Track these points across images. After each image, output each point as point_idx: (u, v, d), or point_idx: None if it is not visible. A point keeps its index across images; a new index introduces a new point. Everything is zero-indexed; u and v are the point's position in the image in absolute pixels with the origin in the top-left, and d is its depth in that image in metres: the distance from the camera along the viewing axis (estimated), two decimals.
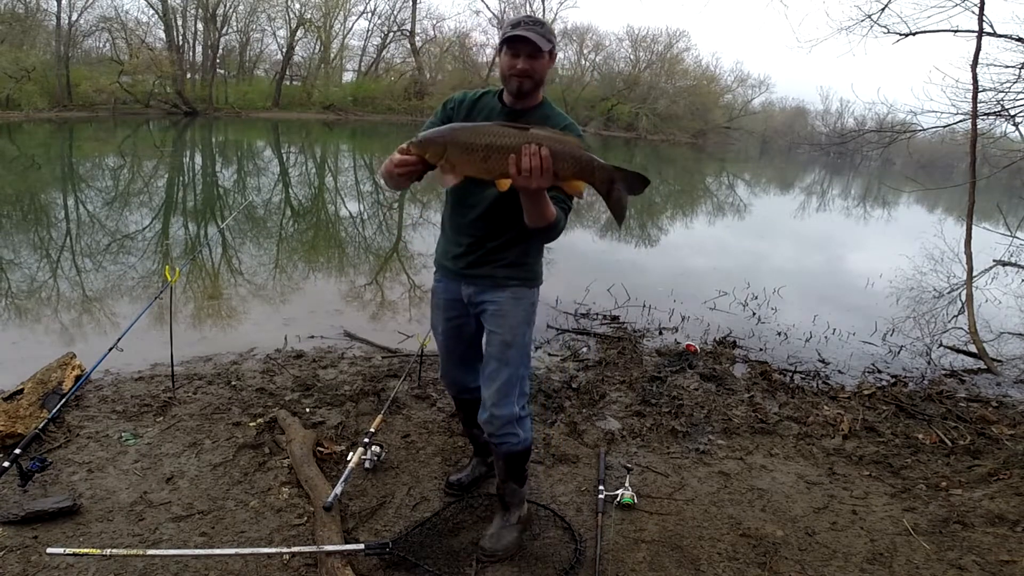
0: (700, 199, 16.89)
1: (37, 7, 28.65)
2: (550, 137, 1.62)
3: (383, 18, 40.56)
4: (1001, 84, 5.39)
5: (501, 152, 1.60)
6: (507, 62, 1.86)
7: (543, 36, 1.83)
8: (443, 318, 2.21)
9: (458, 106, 2.01)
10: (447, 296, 2.18)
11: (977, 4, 5.13)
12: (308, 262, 6.83)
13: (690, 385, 3.84)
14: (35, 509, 2.19)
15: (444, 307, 2.19)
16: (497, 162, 1.61)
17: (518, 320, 2.07)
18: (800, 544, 2.39)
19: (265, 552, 2.04)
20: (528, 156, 1.59)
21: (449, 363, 2.32)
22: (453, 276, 2.14)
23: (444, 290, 2.18)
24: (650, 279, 6.96)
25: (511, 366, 2.07)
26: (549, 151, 1.59)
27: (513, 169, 1.61)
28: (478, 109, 2.00)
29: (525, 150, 1.58)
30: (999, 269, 8.28)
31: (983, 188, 5.96)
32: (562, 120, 1.96)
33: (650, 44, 45.38)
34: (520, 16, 1.91)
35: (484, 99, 2.02)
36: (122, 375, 3.45)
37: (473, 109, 2.00)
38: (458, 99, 2.04)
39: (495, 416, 2.06)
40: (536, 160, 1.59)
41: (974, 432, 3.46)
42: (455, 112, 2.01)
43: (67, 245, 6.71)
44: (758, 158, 41.50)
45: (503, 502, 2.26)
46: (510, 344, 2.06)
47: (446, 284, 2.17)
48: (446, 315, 2.20)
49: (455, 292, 2.15)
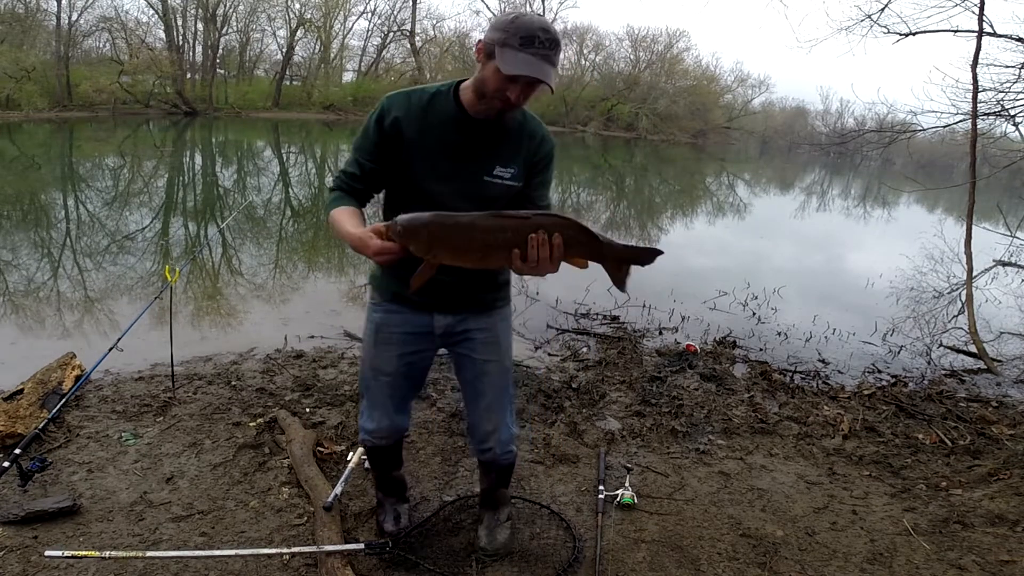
0: (700, 199, 16.88)
1: (37, 7, 28.63)
2: (553, 222, 1.42)
3: (383, 18, 40.58)
4: (1001, 84, 5.40)
5: (503, 248, 1.42)
6: (500, 83, 1.51)
7: (556, 65, 1.53)
8: (396, 355, 1.88)
9: (405, 116, 1.65)
10: (406, 330, 1.86)
11: (977, 4, 5.14)
12: (308, 262, 6.83)
13: (690, 385, 3.84)
14: (35, 509, 2.19)
15: (401, 343, 1.87)
16: (498, 258, 1.44)
17: (509, 343, 1.96)
18: (800, 544, 2.39)
19: (265, 552, 2.04)
20: (536, 248, 1.41)
21: (390, 408, 1.96)
22: (418, 307, 1.83)
23: (403, 323, 1.85)
24: (650, 279, 6.96)
25: (509, 389, 1.98)
26: (562, 239, 1.41)
27: (518, 261, 1.43)
28: (431, 119, 1.65)
29: (532, 241, 1.40)
30: (999, 269, 8.28)
31: (983, 188, 5.96)
32: (539, 129, 1.74)
33: (650, 44, 45.45)
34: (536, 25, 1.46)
35: (435, 103, 1.66)
36: (122, 375, 3.45)
37: (425, 120, 1.65)
38: (401, 104, 1.66)
39: (502, 443, 1.97)
40: (546, 251, 1.41)
41: (974, 432, 3.46)
42: (402, 124, 1.64)
43: (67, 245, 6.71)
44: (758, 158, 41.50)
45: (493, 504, 2.23)
46: (508, 369, 1.95)
47: (405, 316, 1.85)
48: (402, 351, 1.88)
49: (421, 324, 1.85)
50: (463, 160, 1.68)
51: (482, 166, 1.69)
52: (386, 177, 1.74)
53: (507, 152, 1.70)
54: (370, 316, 1.91)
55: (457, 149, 1.67)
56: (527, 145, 1.73)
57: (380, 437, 2.02)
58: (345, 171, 1.75)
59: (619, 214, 12.99)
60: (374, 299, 1.92)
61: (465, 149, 1.67)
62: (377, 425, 1.99)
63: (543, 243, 1.41)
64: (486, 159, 1.69)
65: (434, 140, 1.66)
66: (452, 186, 1.68)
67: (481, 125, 1.65)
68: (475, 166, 1.68)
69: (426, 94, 1.68)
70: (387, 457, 2.18)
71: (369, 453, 2.19)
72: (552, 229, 1.41)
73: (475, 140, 1.67)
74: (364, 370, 1.98)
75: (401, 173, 1.70)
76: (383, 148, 1.68)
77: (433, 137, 1.65)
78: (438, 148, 1.66)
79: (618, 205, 14.45)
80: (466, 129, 1.66)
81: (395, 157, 1.68)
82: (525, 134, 1.72)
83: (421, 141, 1.65)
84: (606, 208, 13.90)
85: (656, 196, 16.52)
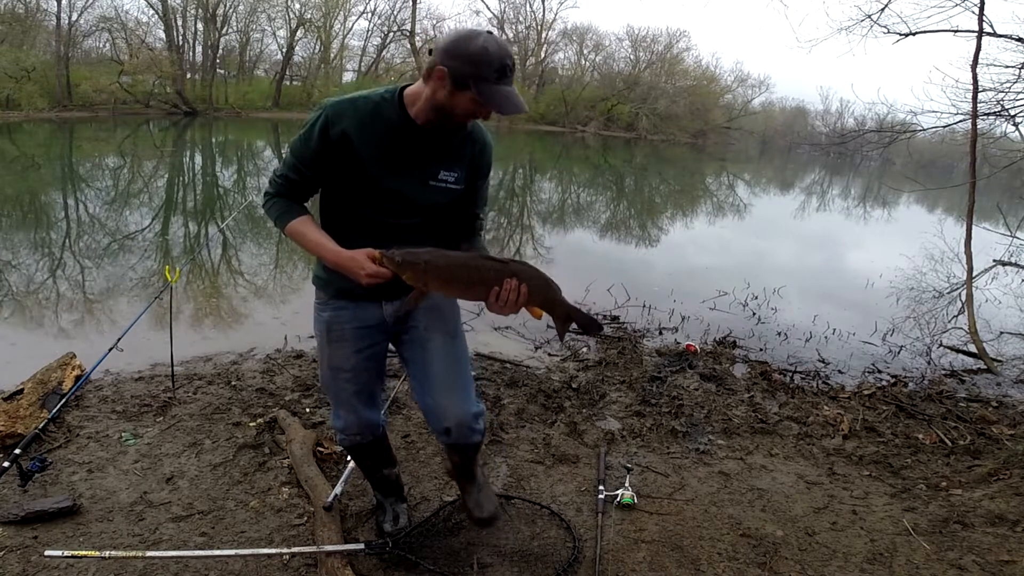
0: (700, 199, 16.88)
1: (37, 7, 28.65)
2: (525, 272, 1.68)
3: (383, 18, 40.60)
4: (1001, 84, 5.40)
5: (483, 285, 1.65)
6: (474, 111, 1.60)
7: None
8: (353, 351, 1.90)
9: (351, 126, 1.65)
10: (357, 324, 1.88)
11: (977, 4, 5.13)
12: (308, 262, 6.82)
13: (690, 385, 3.84)
14: (35, 509, 2.19)
15: (354, 338, 1.89)
16: (476, 293, 1.66)
17: (452, 310, 1.95)
18: (800, 544, 2.39)
19: (265, 552, 2.04)
20: (508, 291, 1.63)
21: (357, 404, 1.98)
22: (367, 300, 1.86)
23: (352, 318, 1.88)
24: (650, 279, 6.97)
25: (462, 360, 1.93)
26: (527, 288, 1.65)
27: (492, 298, 1.64)
28: (377, 128, 1.67)
29: (507, 284, 1.63)
30: (999, 269, 8.27)
31: (983, 188, 5.96)
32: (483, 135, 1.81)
33: (650, 44, 45.48)
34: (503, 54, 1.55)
35: (381, 112, 1.67)
36: (122, 375, 3.45)
37: (372, 128, 1.67)
38: (346, 113, 1.66)
39: (465, 420, 1.86)
40: (514, 295, 1.64)
41: (974, 432, 3.46)
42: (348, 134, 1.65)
43: (67, 245, 6.71)
44: (758, 158, 41.50)
45: (469, 475, 2.08)
46: (455, 335, 1.93)
47: (354, 311, 1.87)
48: (357, 347, 1.90)
49: (371, 317, 1.88)
50: (410, 167, 1.72)
51: (427, 171, 1.74)
52: (323, 183, 1.77)
53: (451, 157, 1.77)
54: (318, 316, 1.93)
55: (404, 156, 1.71)
56: (471, 150, 1.79)
57: (353, 434, 2.03)
58: (286, 176, 1.75)
59: (619, 214, 12.99)
60: (320, 299, 1.93)
61: (412, 156, 1.72)
62: (345, 422, 2.01)
63: (514, 288, 1.63)
64: (431, 164, 1.74)
65: (382, 149, 1.68)
66: (397, 191, 1.73)
67: (427, 132, 1.69)
68: (420, 172, 1.74)
69: (370, 102, 1.68)
70: (369, 454, 2.14)
71: (350, 452, 2.17)
72: (524, 278, 1.65)
73: (421, 147, 1.72)
74: (323, 371, 1.99)
75: (345, 179, 1.72)
76: (326, 157, 1.69)
77: (380, 146, 1.68)
78: (385, 156, 1.69)
79: (618, 205, 14.45)
80: (413, 137, 1.70)
81: (339, 165, 1.69)
82: (469, 140, 1.78)
83: (368, 151, 1.68)
84: (606, 208, 13.91)
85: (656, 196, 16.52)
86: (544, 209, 12.43)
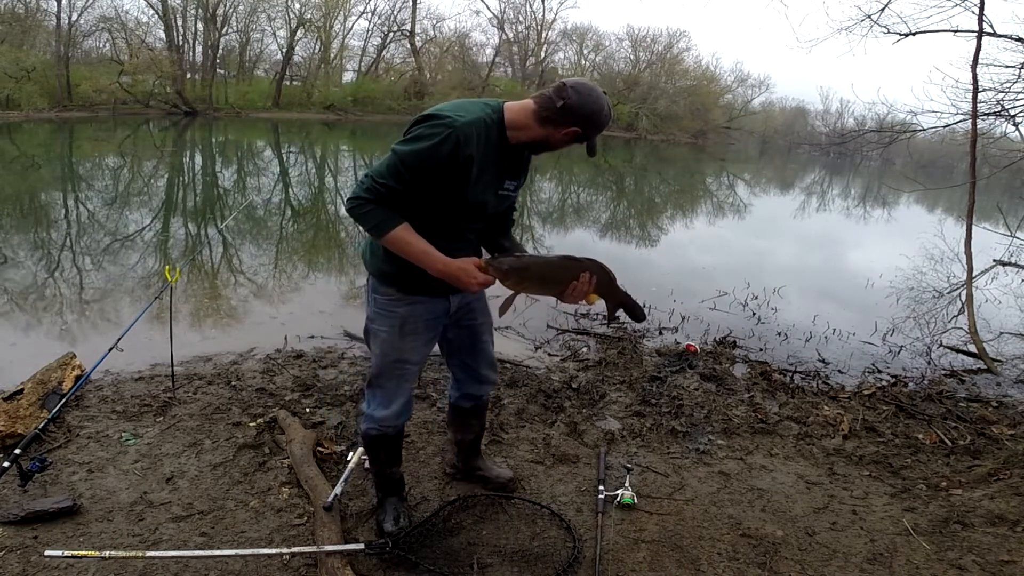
0: (700, 199, 16.87)
1: (37, 7, 28.68)
2: (594, 265, 1.93)
3: (383, 18, 40.61)
4: (1001, 84, 5.39)
5: (565, 283, 1.90)
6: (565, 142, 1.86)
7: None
8: (424, 343, 2.07)
9: (477, 150, 1.75)
10: (431, 316, 2.03)
11: (977, 4, 5.13)
12: (308, 262, 6.83)
13: (690, 385, 3.84)
14: (35, 509, 2.19)
15: (427, 330, 2.05)
16: (559, 290, 1.91)
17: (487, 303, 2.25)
18: (800, 544, 2.39)
19: (265, 552, 2.04)
20: (583, 283, 1.89)
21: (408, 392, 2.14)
22: (439, 293, 1.99)
23: (426, 312, 2.01)
24: (650, 278, 6.96)
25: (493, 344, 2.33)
26: (597, 281, 1.92)
27: (569, 291, 1.90)
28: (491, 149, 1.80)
29: (582, 278, 1.88)
30: (999, 269, 8.27)
31: (983, 188, 5.96)
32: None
33: (650, 44, 45.48)
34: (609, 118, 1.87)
35: (491, 135, 1.80)
36: (122, 375, 3.45)
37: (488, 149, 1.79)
38: (478, 138, 1.74)
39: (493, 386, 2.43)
40: (586, 286, 1.90)
41: (974, 432, 3.46)
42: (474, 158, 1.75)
43: (67, 245, 6.71)
44: (758, 158, 41.48)
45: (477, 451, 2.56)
46: (492, 325, 2.29)
47: (429, 305, 2.01)
48: (428, 338, 2.08)
49: (441, 310, 2.05)
50: (494, 182, 1.91)
51: (502, 183, 1.94)
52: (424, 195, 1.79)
53: (519, 168, 1.99)
54: (390, 311, 1.99)
55: (496, 174, 1.89)
56: (526, 161, 2.02)
57: (389, 424, 2.12)
58: (389, 185, 1.73)
59: (619, 214, 12.99)
60: (391, 295, 1.98)
61: (500, 173, 1.91)
62: (393, 412, 2.10)
63: (587, 280, 1.89)
64: (506, 177, 1.95)
65: (485, 168, 1.82)
66: (482, 203, 1.90)
67: (515, 151, 1.90)
68: (498, 184, 1.93)
69: (492, 126, 1.80)
70: (390, 447, 2.23)
71: (373, 444, 2.20)
72: (593, 271, 1.91)
73: (508, 164, 1.91)
74: (385, 363, 2.05)
75: (444, 192, 1.80)
76: (444, 175, 1.74)
77: (486, 166, 1.82)
78: (485, 174, 1.84)
79: (618, 205, 14.45)
80: (507, 154, 1.88)
81: (449, 182, 1.77)
82: (527, 153, 1.98)
83: (477, 171, 1.79)
84: (606, 208, 13.91)
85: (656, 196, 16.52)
86: (544, 209, 12.42)
